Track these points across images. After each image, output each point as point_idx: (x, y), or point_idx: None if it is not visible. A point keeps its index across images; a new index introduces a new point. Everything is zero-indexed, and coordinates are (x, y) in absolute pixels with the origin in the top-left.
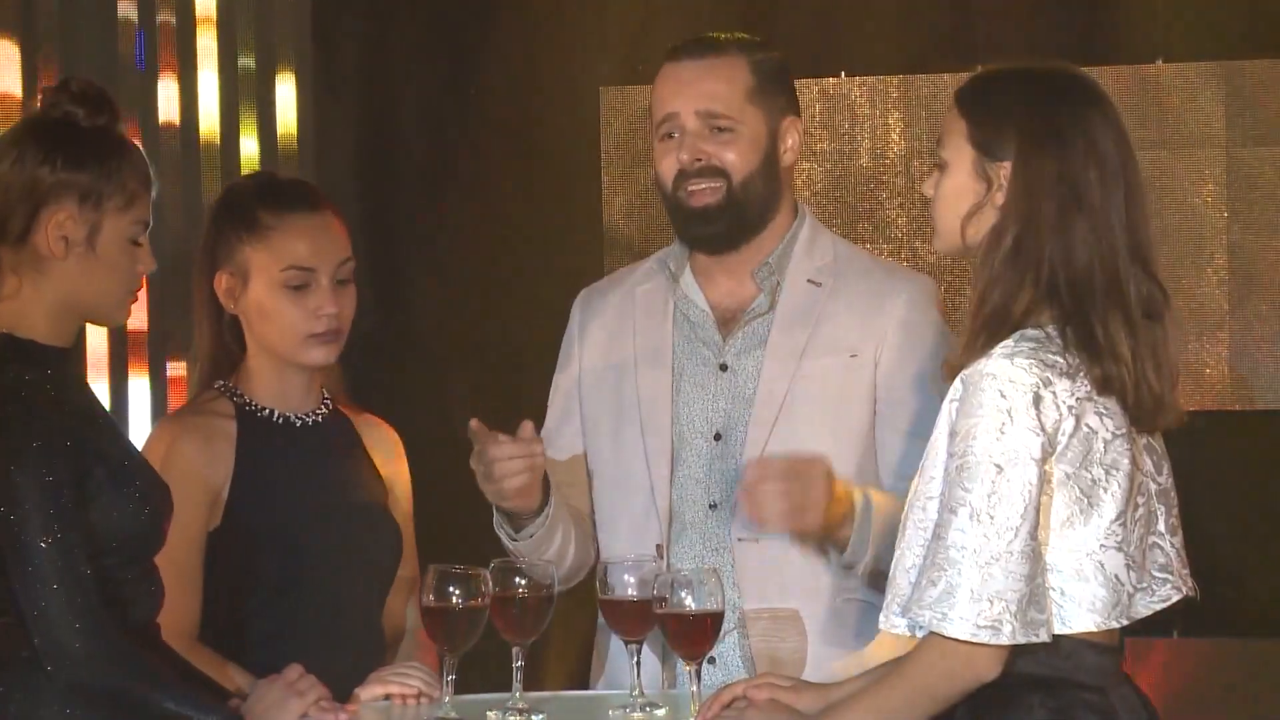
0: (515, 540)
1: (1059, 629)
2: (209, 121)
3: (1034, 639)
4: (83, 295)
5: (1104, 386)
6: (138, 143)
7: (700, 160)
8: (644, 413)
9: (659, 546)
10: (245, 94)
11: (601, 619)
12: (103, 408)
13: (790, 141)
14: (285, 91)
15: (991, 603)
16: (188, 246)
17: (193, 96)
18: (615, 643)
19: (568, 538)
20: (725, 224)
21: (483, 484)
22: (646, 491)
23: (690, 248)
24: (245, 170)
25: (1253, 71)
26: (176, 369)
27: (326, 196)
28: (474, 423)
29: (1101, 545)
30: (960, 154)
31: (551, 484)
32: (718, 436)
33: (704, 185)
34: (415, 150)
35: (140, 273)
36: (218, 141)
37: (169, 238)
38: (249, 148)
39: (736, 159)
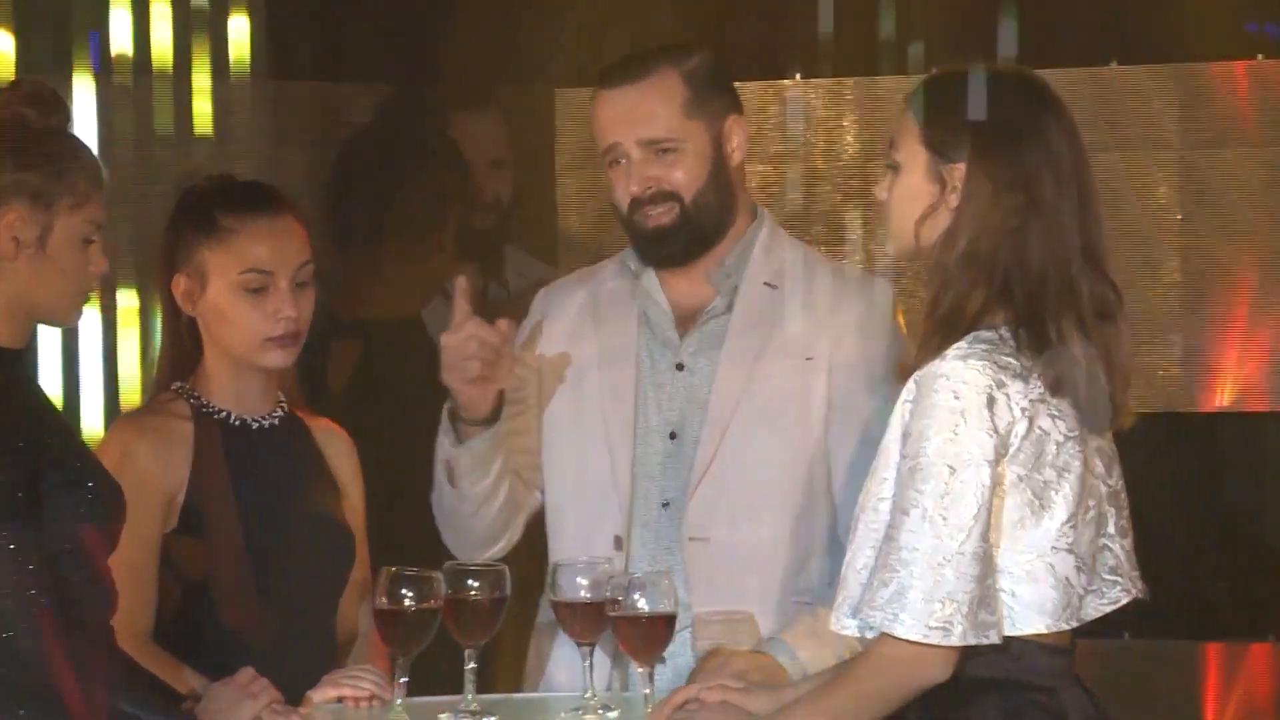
0: (458, 447)
1: (1009, 630)
2: (162, 52)
3: (984, 640)
4: (34, 296)
5: (1057, 388)
6: (90, 73)
7: (651, 187)
8: (606, 409)
9: (618, 538)
10: (198, 28)
11: (539, 621)
12: (56, 409)
13: (736, 141)
14: (238, 25)
15: (943, 604)
16: (139, 181)
17: (145, 27)
18: (559, 646)
19: (503, 475)
20: (683, 242)
21: (446, 363)
22: (605, 487)
23: (652, 267)
24: (198, 102)
25: (1207, 74)
26: (127, 299)
27: (286, 199)
28: (463, 280)
29: (1053, 547)
30: (913, 156)
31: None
32: (673, 435)
33: (659, 210)
34: (369, 150)
35: (93, 273)
36: (170, 71)
37: (120, 170)
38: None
39: (685, 177)
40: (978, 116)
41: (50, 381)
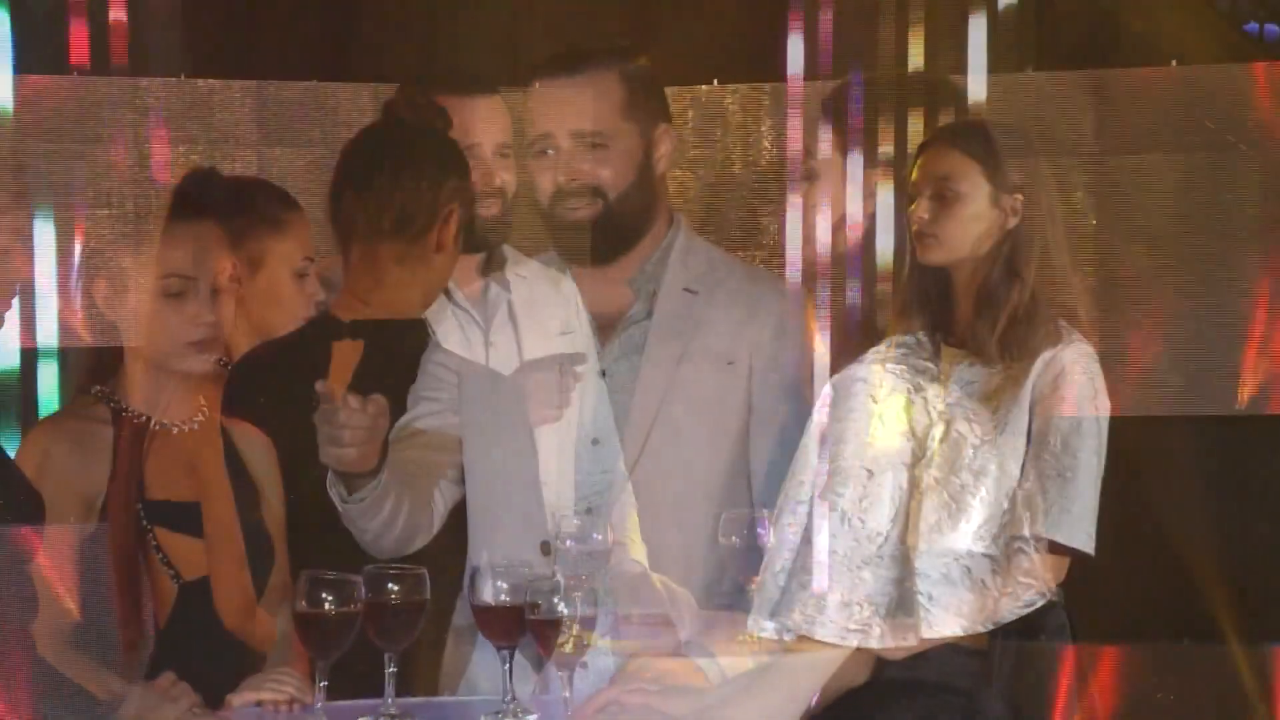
0: (347, 503)
1: (926, 633)
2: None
3: (903, 643)
4: None
5: (974, 392)
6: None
7: (576, 180)
8: (532, 415)
9: (545, 544)
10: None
11: (455, 623)
12: None
13: (664, 149)
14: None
15: (861, 607)
16: (59, 113)
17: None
18: (480, 649)
19: (399, 503)
20: (602, 238)
21: (324, 446)
22: (529, 493)
23: (569, 262)
24: (115, 31)
25: (1122, 81)
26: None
27: (206, 204)
28: (321, 384)
29: (969, 550)
30: (832, 163)
31: (390, 446)
32: (595, 441)
33: (581, 203)
34: (277, 157)
35: (16, 278)
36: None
37: (38, 99)
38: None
39: (611, 175)
40: (894, 123)
41: None
